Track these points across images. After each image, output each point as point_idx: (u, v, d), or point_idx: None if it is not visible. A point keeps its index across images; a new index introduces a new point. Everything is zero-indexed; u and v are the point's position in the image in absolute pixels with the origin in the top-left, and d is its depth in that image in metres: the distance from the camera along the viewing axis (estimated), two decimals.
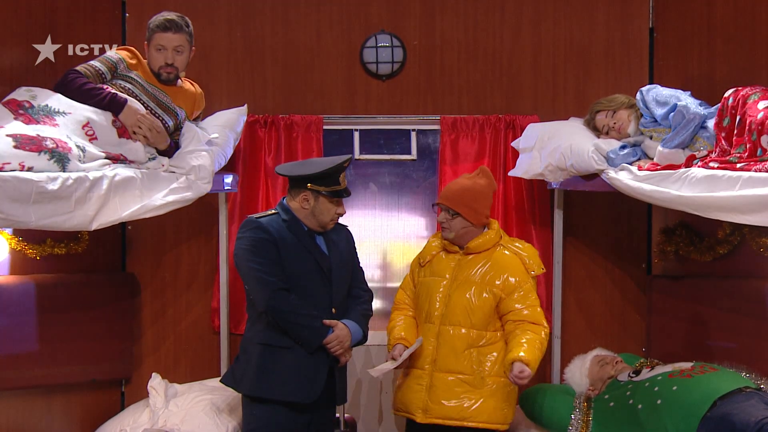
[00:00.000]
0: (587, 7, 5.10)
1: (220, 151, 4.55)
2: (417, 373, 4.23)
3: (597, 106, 4.59)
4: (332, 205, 4.01)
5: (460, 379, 4.16)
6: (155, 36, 4.37)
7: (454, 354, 4.17)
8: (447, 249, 4.36)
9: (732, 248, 4.51)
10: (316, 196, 3.98)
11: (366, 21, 5.11)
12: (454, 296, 4.22)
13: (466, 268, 4.27)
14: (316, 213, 4.00)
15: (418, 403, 4.18)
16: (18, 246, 4.58)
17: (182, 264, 5.11)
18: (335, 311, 4.03)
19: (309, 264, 3.99)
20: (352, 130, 5.18)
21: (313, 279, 3.99)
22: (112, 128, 4.15)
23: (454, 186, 4.34)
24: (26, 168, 3.58)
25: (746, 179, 3.49)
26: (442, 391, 4.16)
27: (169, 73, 4.42)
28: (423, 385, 4.19)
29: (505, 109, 5.09)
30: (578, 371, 4.63)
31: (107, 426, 4.73)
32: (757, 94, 3.85)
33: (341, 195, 4.01)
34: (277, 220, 4.02)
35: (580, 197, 5.02)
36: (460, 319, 4.19)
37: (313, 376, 3.96)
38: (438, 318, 4.22)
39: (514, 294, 4.20)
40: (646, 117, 4.39)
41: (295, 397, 3.94)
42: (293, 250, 3.97)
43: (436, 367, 4.18)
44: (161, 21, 4.36)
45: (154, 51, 4.39)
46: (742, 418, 3.76)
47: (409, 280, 4.48)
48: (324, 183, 3.96)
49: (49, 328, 4.67)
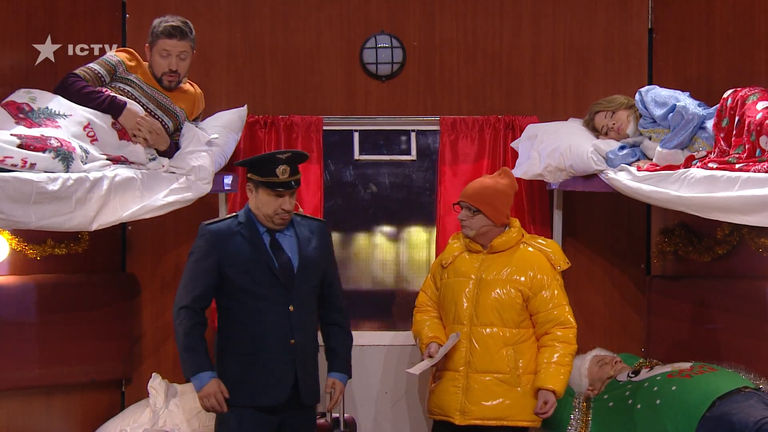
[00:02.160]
0: (586, 7, 5.10)
1: (220, 151, 4.55)
2: (452, 376, 4.19)
3: (596, 107, 4.60)
4: (272, 197, 3.91)
5: (498, 379, 4.14)
6: (159, 42, 4.36)
7: (489, 354, 4.15)
8: (470, 249, 4.33)
9: (731, 248, 4.51)
10: (255, 186, 3.94)
11: (366, 22, 5.11)
12: (483, 296, 4.20)
13: (491, 267, 4.26)
14: (259, 205, 3.95)
15: (456, 405, 4.15)
16: (18, 246, 4.58)
17: (182, 264, 5.04)
18: (293, 309, 3.94)
19: (258, 266, 3.94)
20: (351, 131, 5.17)
21: (262, 281, 3.93)
22: (113, 130, 4.16)
23: (475, 184, 4.34)
24: (29, 164, 3.59)
25: (745, 180, 3.50)
26: (479, 392, 4.13)
27: (171, 80, 4.43)
28: (459, 387, 4.16)
29: (504, 110, 5.09)
30: (577, 371, 4.63)
31: (107, 426, 4.73)
32: (756, 95, 3.86)
33: (277, 187, 3.90)
34: (230, 224, 3.99)
35: (580, 198, 5.02)
36: (492, 318, 4.17)
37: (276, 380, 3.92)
38: (468, 318, 4.20)
39: (542, 292, 4.19)
40: (645, 117, 4.40)
41: (260, 401, 3.91)
42: (241, 256, 3.93)
43: (471, 368, 4.16)
44: (166, 27, 4.35)
45: (158, 56, 4.39)
46: (741, 418, 3.77)
47: (430, 282, 4.44)
48: (258, 172, 3.91)
49: (49, 328, 4.67)
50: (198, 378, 3.87)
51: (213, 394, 3.86)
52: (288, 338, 3.93)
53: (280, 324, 3.93)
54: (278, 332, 3.93)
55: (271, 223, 3.97)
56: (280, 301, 3.94)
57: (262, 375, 3.92)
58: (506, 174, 4.39)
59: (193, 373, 3.88)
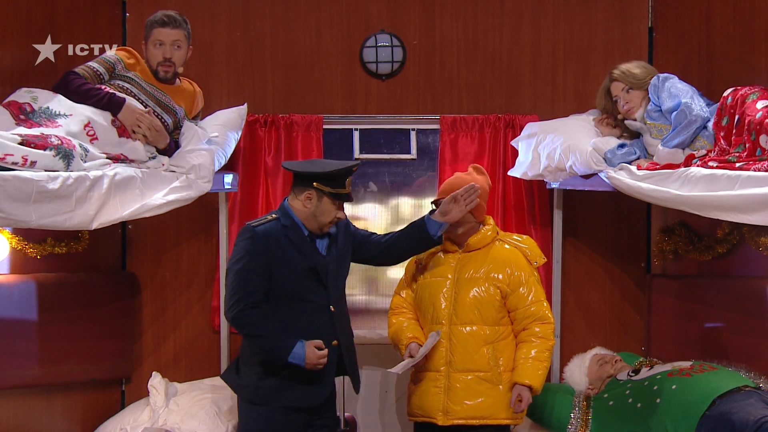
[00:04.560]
0: (587, 6, 5.10)
1: (220, 150, 4.55)
2: (433, 376, 4.17)
3: (617, 74, 4.49)
4: (334, 207, 3.98)
5: (479, 377, 4.13)
6: (153, 31, 4.39)
7: (469, 353, 4.13)
8: (445, 249, 4.32)
9: (731, 247, 4.51)
10: (320, 196, 3.96)
11: (366, 21, 5.12)
12: (461, 295, 4.19)
13: (468, 266, 4.24)
14: (317, 214, 3.98)
15: (438, 405, 4.13)
16: (18, 245, 4.58)
17: (182, 263, 5.11)
18: (334, 309, 4.01)
19: (304, 270, 3.96)
20: (351, 130, 5.18)
21: (308, 285, 3.97)
22: (112, 128, 4.16)
23: (458, 182, 4.25)
24: (29, 162, 3.59)
25: (745, 178, 3.50)
26: (462, 391, 4.12)
27: (167, 70, 4.43)
28: (441, 387, 4.14)
29: (504, 109, 5.10)
30: (577, 370, 4.63)
31: (107, 425, 4.73)
32: (756, 94, 3.86)
33: (344, 199, 4.00)
34: (276, 227, 3.97)
35: (580, 197, 5.02)
36: (471, 317, 4.16)
37: (319, 381, 3.95)
38: (447, 318, 4.18)
39: (519, 289, 4.18)
40: (653, 103, 4.36)
41: (300, 402, 3.95)
42: (288, 258, 3.95)
43: (452, 368, 4.14)
44: (159, 17, 4.39)
45: (152, 47, 4.40)
46: (741, 416, 3.77)
47: (405, 284, 4.42)
48: (330, 184, 3.95)
49: (50, 328, 4.67)
50: (294, 357, 3.86)
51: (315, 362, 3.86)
52: (331, 339, 3.97)
53: (323, 326, 3.97)
54: (322, 334, 3.94)
55: (320, 229, 4.02)
56: (322, 303, 3.99)
57: (305, 377, 3.92)
58: (480, 170, 4.35)
59: (289, 357, 3.86)
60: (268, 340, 3.90)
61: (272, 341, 3.89)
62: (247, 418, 4.01)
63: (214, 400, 4.62)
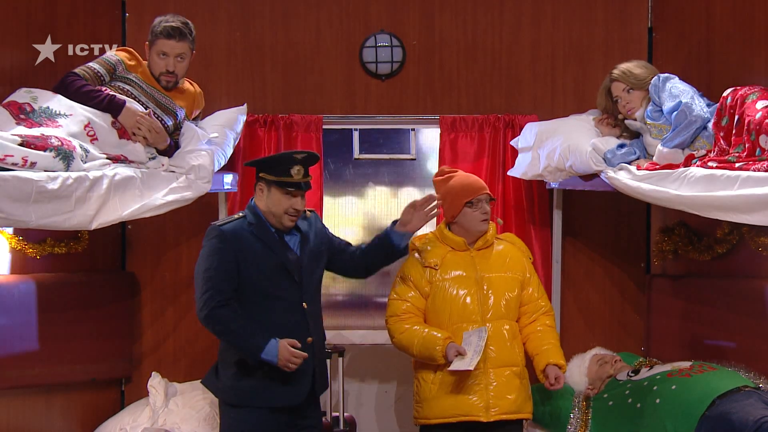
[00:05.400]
0: (586, 7, 5.11)
1: (219, 150, 4.55)
2: (470, 375, 4.11)
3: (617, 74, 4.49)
4: (284, 197, 3.90)
5: (514, 372, 4.18)
6: (158, 42, 4.36)
7: (505, 348, 4.19)
8: (455, 248, 4.30)
9: (731, 247, 4.51)
10: (268, 186, 3.92)
11: (365, 21, 5.12)
12: (491, 292, 4.22)
13: (485, 264, 4.27)
14: (270, 205, 3.92)
15: (480, 403, 4.12)
16: (18, 245, 4.59)
17: (182, 263, 5.11)
18: (306, 306, 3.95)
19: (274, 267, 3.92)
20: (351, 130, 5.18)
21: (279, 282, 3.92)
22: (112, 129, 4.17)
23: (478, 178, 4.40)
24: (29, 163, 3.59)
25: (745, 179, 3.49)
26: (503, 386, 4.15)
27: (169, 81, 4.44)
28: (482, 384, 4.13)
29: (504, 109, 5.10)
30: (577, 370, 4.63)
31: (107, 425, 4.73)
32: (756, 94, 3.85)
33: (292, 187, 3.91)
34: (241, 224, 3.94)
35: (579, 197, 5.03)
36: (503, 312, 4.22)
37: (297, 380, 3.91)
38: (479, 315, 4.18)
39: (531, 284, 4.33)
40: (653, 103, 4.36)
41: (279, 402, 3.90)
42: (257, 256, 3.90)
43: (490, 363, 4.14)
44: (165, 28, 4.34)
45: (156, 56, 4.39)
46: (741, 417, 3.77)
47: (412, 288, 4.27)
48: (273, 172, 3.90)
49: (49, 328, 4.67)
50: (267, 354, 3.80)
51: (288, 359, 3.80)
52: (305, 336, 3.93)
53: (296, 323, 3.93)
54: (296, 331, 3.90)
55: (280, 223, 3.95)
56: (294, 300, 3.94)
57: (282, 376, 3.87)
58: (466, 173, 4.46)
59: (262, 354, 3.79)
60: (240, 337, 3.83)
61: (245, 338, 3.83)
62: (228, 419, 3.96)
63: (213, 400, 4.60)
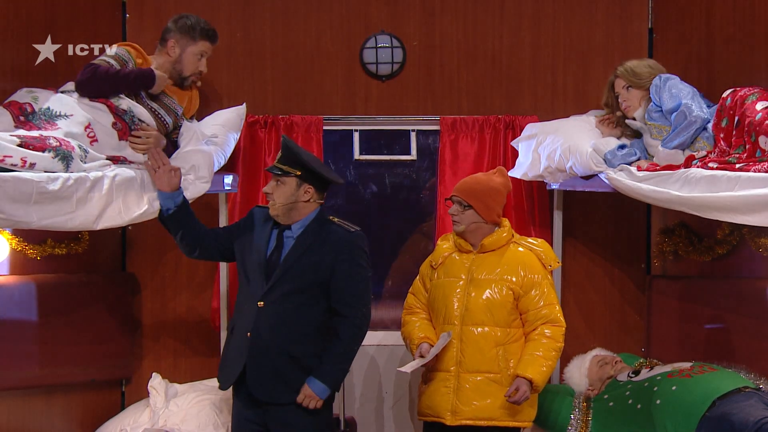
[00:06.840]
0: (586, 7, 5.10)
1: (219, 150, 4.54)
2: (442, 376, 4.16)
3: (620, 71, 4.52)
4: None
5: (489, 379, 4.11)
6: (200, 42, 4.45)
7: (480, 354, 4.12)
8: (460, 249, 4.31)
9: (731, 248, 4.52)
10: None
11: (366, 22, 5.11)
12: (474, 296, 4.18)
13: (482, 267, 4.24)
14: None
15: (446, 405, 4.12)
16: (18, 246, 4.59)
17: (182, 264, 5.11)
18: (262, 305, 3.95)
19: (253, 253, 4.06)
20: (351, 131, 5.17)
21: (251, 268, 4.04)
22: (113, 130, 4.16)
23: (468, 180, 4.34)
24: (28, 164, 3.59)
25: (745, 179, 3.50)
26: (471, 391, 4.11)
27: (196, 80, 4.54)
28: (450, 387, 4.13)
29: (504, 110, 5.10)
30: (578, 371, 4.64)
31: (107, 426, 4.73)
32: (756, 95, 3.86)
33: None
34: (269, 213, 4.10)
35: (580, 197, 5.02)
36: (483, 318, 4.15)
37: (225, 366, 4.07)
38: (459, 319, 4.17)
39: (531, 291, 4.17)
40: (654, 103, 4.36)
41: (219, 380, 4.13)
42: (249, 236, 4.10)
43: (462, 368, 4.13)
44: (209, 31, 4.48)
45: (192, 56, 4.46)
46: (741, 417, 3.77)
47: (419, 283, 4.40)
48: None
49: (50, 328, 4.67)
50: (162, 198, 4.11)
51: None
52: (247, 330, 3.97)
53: (247, 314, 4.00)
54: (243, 322, 4.01)
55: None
56: (256, 293, 4.00)
57: (223, 356, 4.13)
58: (501, 173, 4.38)
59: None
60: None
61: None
62: None
63: (214, 401, 4.61)
